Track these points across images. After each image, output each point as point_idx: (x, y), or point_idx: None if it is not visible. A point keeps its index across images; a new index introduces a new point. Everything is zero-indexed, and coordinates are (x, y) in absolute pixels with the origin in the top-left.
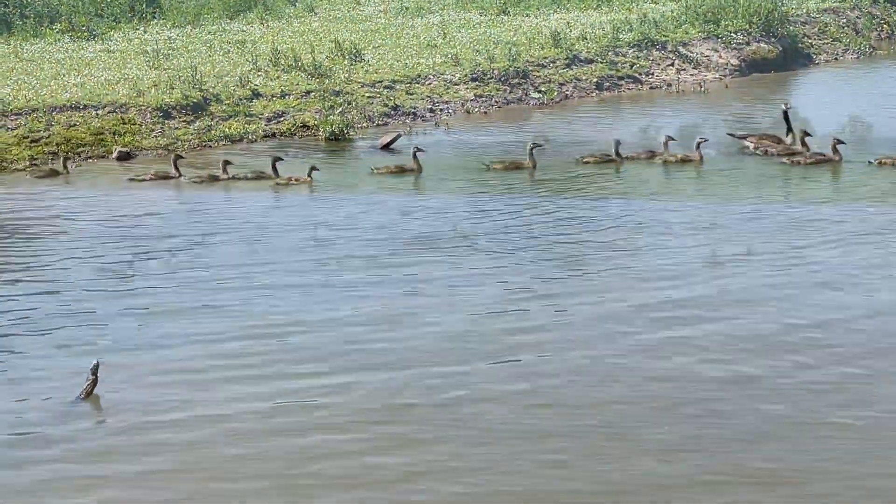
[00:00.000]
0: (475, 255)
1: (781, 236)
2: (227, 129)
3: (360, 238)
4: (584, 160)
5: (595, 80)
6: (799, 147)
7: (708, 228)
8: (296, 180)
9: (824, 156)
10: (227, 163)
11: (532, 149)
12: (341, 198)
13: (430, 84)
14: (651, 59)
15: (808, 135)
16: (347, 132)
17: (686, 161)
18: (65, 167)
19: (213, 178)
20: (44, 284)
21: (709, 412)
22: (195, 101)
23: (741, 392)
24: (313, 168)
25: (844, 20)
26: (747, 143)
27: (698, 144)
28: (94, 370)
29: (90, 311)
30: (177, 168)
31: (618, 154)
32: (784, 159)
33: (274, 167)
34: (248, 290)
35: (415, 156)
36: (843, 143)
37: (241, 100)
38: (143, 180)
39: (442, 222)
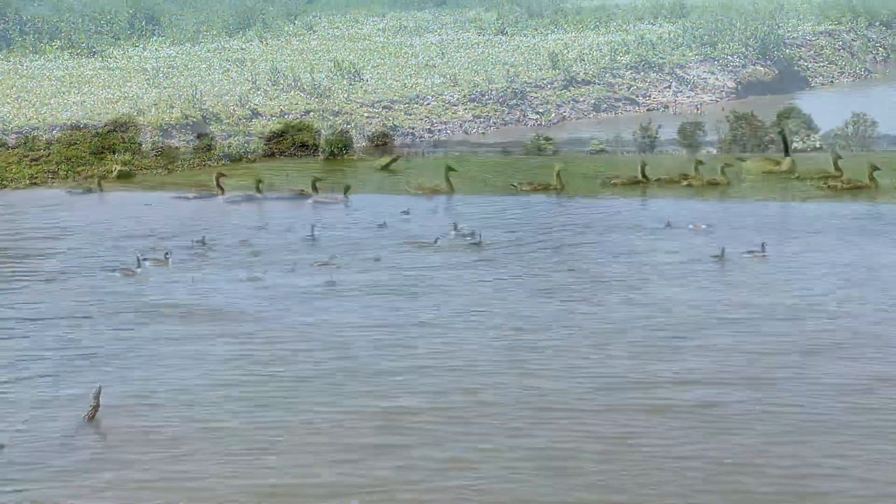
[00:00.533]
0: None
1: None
2: (226, 148)
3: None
4: (612, 182)
5: (592, 101)
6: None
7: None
8: (334, 198)
9: (861, 182)
10: (259, 181)
11: (559, 171)
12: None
13: (428, 105)
14: (648, 81)
15: (840, 157)
16: (346, 152)
17: (713, 184)
18: (99, 186)
19: (249, 197)
20: (56, 292)
21: None
22: (195, 120)
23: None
24: (348, 187)
25: (840, 43)
26: (747, 165)
27: (723, 169)
28: (97, 395)
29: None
30: (219, 186)
31: (644, 175)
32: (821, 184)
33: (314, 186)
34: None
35: (447, 176)
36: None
37: (240, 119)
38: (187, 198)
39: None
